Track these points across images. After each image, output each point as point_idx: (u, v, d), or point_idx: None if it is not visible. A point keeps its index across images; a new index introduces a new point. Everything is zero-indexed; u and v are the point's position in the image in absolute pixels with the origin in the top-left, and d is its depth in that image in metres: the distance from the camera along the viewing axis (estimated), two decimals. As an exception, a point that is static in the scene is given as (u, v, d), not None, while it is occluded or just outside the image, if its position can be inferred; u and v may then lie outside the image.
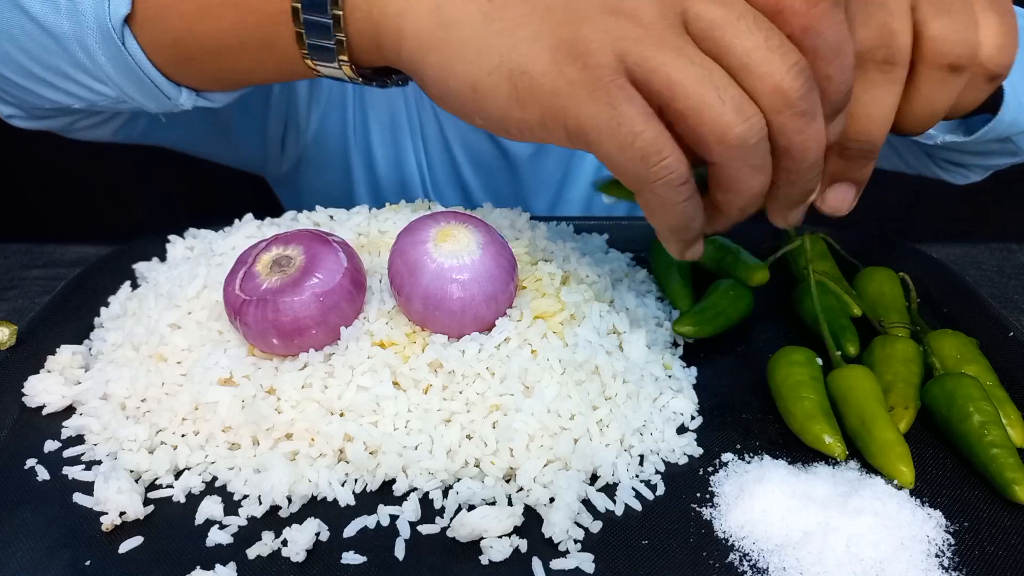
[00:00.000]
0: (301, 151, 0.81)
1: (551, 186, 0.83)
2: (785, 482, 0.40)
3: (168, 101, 0.49)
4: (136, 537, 0.38)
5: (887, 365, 0.48)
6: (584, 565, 0.37)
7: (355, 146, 0.80)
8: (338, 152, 0.80)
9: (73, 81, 0.49)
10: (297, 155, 0.81)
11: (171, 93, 0.49)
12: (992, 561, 0.37)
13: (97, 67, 0.47)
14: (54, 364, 0.49)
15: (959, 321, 0.56)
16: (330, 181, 0.83)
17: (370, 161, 0.81)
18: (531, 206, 0.83)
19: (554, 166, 0.81)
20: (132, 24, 0.45)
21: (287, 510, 0.40)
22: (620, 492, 0.41)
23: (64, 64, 0.47)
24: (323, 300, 0.43)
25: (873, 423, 0.43)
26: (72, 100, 0.51)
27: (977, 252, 0.74)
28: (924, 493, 0.41)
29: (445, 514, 0.40)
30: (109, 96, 0.49)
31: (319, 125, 0.78)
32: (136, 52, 0.46)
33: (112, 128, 0.62)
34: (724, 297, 0.55)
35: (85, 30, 0.45)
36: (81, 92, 0.50)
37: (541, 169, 0.82)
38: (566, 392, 0.43)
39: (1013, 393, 0.47)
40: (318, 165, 0.82)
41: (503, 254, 0.45)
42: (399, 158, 0.81)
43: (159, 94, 0.48)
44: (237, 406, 0.43)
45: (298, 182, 0.85)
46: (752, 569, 0.37)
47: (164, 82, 0.48)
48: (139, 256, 0.60)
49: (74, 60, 0.47)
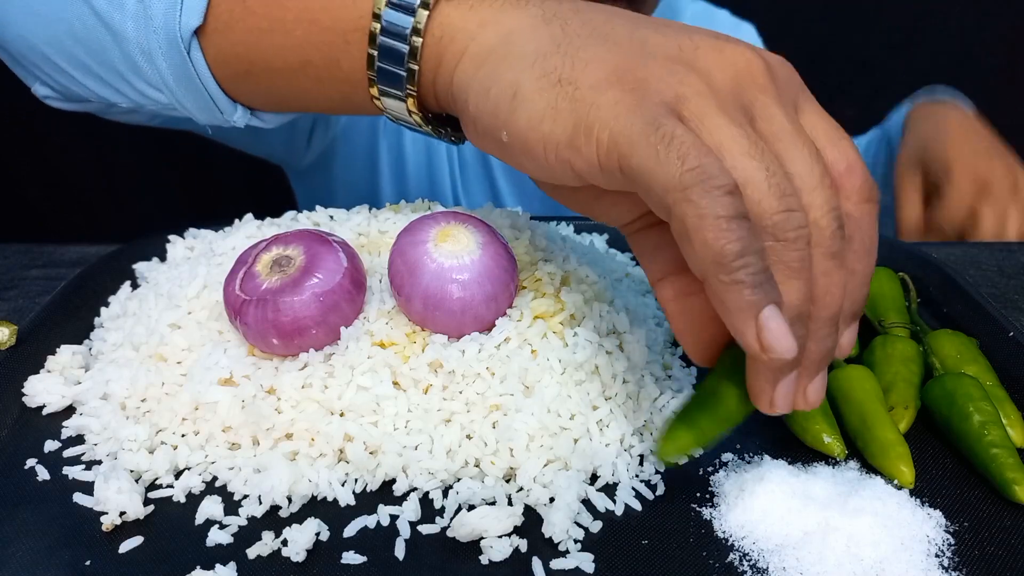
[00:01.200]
0: (328, 143, 0.80)
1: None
2: (785, 482, 0.40)
3: (220, 116, 0.49)
4: (136, 537, 0.38)
5: (887, 365, 0.48)
6: (584, 565, 0.37)
7: (384, 139, 0.79)
8: (366, 145, 0.80)
9: (125, 82, 0.48)
10: (323, 147, 0.81)
11: (226, 108, 0.48)
12: (992, 561, 0.37)
13: (155, 74, 0.46)
14: (54, 364, 0.49)
15: (959, 321, 0.56)
16: (355, 175, 0.82)
17: (400, 154, 0.80)
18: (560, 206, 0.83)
19: None
20: (200, 36, 0.45)
21: (287, 510, 0.40)
22: (620, 492, 0.41)
23: (120, 64, 0.47)
24: (323, 300, 0.43)
25: (874, 423, 0.43)
26: (120, 99, 0.50)
27: (977, 252, 0.74)
28: (924, 493, 0.41)
29: (445, 514, 0.40)
30: (160, 102, 0.49)
31: (349, 118, 0.78)
32: (200, 64, 0.45)
33: (149, 114, 0.60)
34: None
35: (150, 36, 0.44)
36: (131, 93, 0.49)
37: None
38: (566, 392, 0.43)
39: (1013, 393, 0.47)
40: (344, 158, 0.82)
41: (503, 254, 0.45)
42: (430, 152, 0.81)
43: (214, 108, 0.48)
44: (237, 406, 0.43)
45: (321, 175, 0.84)
46: (752, 569, 0.37)
47: (222, 97, 0.47)
48: (139, 256, 0.60)
49: (131, 63, 0.46)
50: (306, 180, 0.88)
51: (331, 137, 0.79)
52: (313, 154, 0.81)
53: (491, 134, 0.37)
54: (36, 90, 0.55)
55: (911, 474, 0.41)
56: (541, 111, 0.34)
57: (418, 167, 0.81)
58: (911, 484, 0.41)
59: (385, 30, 0.40)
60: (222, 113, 0.48)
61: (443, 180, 0.82)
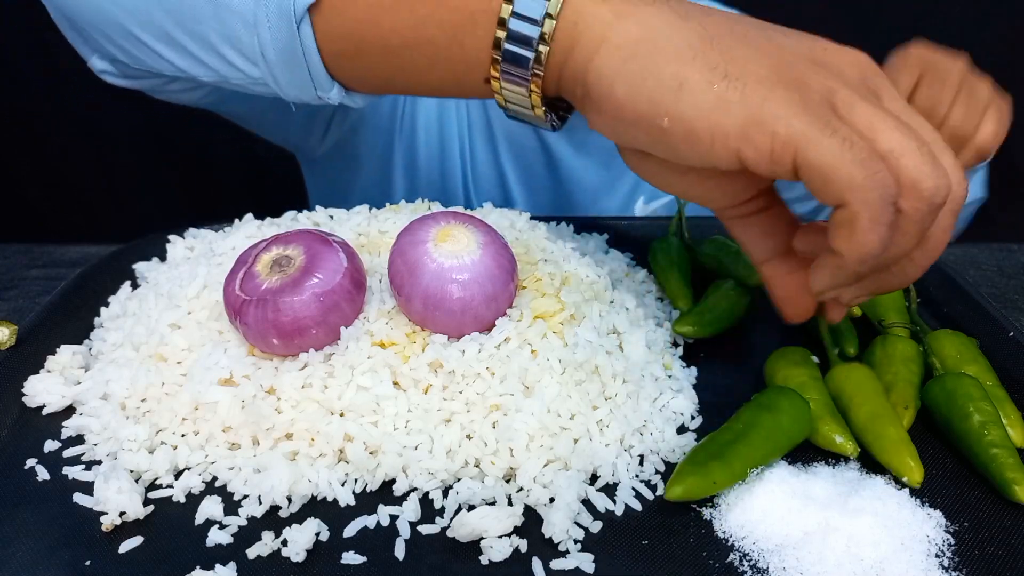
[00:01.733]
0: (344, 135, 0.80)
1: (589, 191, 0.83)
2: (785, 482, 0.40)
3: (314, 93, 0.48)
4: (136, 537, 0.38)
5: (887, 365, 0.48)
6: (584, 565, 0.37)
7: (400, 131, 0.80)
8: (381, 140, 0.80)
9: (216, 54, 0.47)
10: (338, 138, 0.80)
11: (323, 85, 0.47)
12: (992, 561, 0.37)
13: (254, 45, 0.45)
14: (54, 364, 0.49)
15: (959, 321, 0.56)
16: (369, 168, 0.82)
17: (413, 151, 0.81)
18: (569, 208, 0.83)
19: (595, 172, 0.82)
20: (315, 11, 0.44)
21: (287, 510, 0.40)
22: (620, 492, 0.41)
23: (214, 35, 0.46)
24: (323, 300, 0.43)
25: (882, 421, 0.43)
26: (203, 72, 0.49)
27: (977, 252, 0.74)
28: (924, 493, 0.41)
29: (445, 514, 0.40)
30: (249, 75, 0.48)
31: (366, 111, 0.78)
32: (308, 39, 0.44)
33: (201, 93, 0.59)
34: (724, 298, 0.55)
35: (259, 7, 0.43)
36: (219, 66, 0.48)
37: (582, 171, 0.82)
38: (566, 392, 0.43)
39: (1013, 393, 0.47)
40: (359, 151, 0.81)
41: (503, 254, 0.45)
42: (443, 150, 0.81)
43: (310, 85, 0.47)
44: (237, 406, 0.43)
45: (335, 167, 0.84)
46: (752, 569, 0.37)
47: (322, 74, 0.46)
48: (139, 256, 0.60)
49: (229, 34, 0.45)
50: (319, 171, 0.88)
51: (347, 128, 0.79)
52: (328, 144, 0.81)
53: (645, 121, 0.38)
54: (93, 63, 0.54)
55: (920, 472, 0.41)
56: (711, 102, 0.36)
57: (430, 164, 0.81)
58: (919, 482, 0.41)
59: (516, 12, 0.40)
60: (316, 90, 0.47)
61: (455, 178, 0.82)
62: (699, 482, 0.39)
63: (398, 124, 0.80)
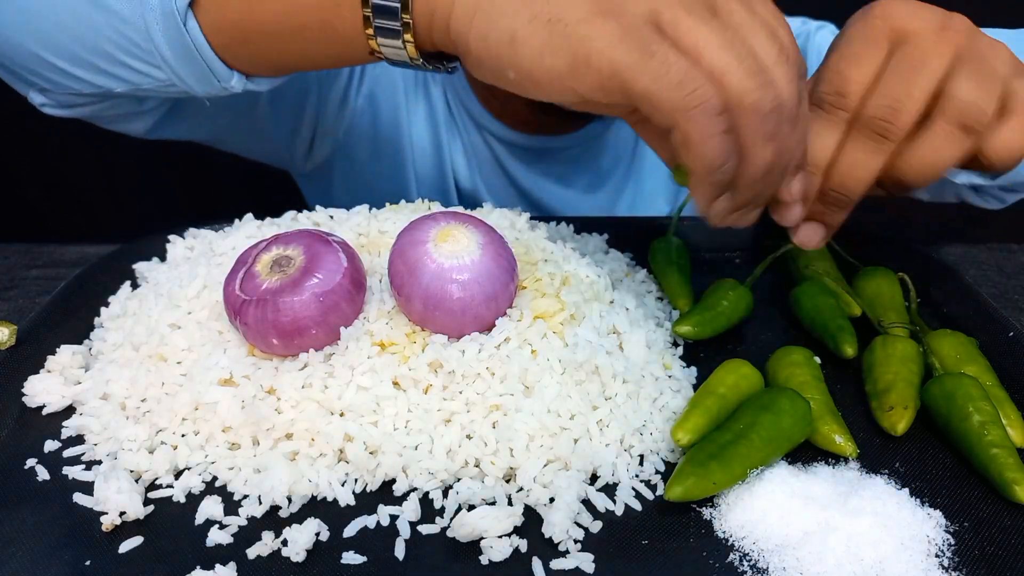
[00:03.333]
0: (330, 153, 0.81)
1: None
2: (785, 482, 0.40)
3: (218, 84, 0.50)
4: (136, 537, 0.38)
5: (887, 365, 0.48)
6: (584, 565, 0.37)
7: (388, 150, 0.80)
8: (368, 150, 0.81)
9: (120, 64, 0.50)
10: (324, 156, 0.82)
11: (223, 76, 0.50)
12: (992, 561, 0.37)
13: (152, 49, 0.48)
14: (54, 364, 0.49)
15: (959, 321, 0.56)
16: (357, 183, 0.83)
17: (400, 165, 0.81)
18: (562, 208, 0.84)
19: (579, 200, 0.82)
20: (194, 7, 0.47)
21: (287, 510, 0.40)
22: (620, 492, 0.41)
23: (113, 47, 0.48)
24: (323, 300, 0.43)
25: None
26: (116, 84, 0.52)
27: (977, 252, 0.74)
28: (924, 493, 0.41)
29: (445, 514, 0.40)
30: (157, 79, 0.50)
31: (349, 131, 0.79)
32: (196, 34, 0.47)
33: (145, 124, 0.62)
34: (724, 298, 0.55)
35: (146, 12, 0.46)
36: (127, 75, 0.50)
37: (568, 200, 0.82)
38: (566, 392, 0.43)
39: (1013, 393, 0.47)
40: (346, 166, 0.83)
41: (503, 254, 0.45)
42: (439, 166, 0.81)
43: (211, 77, 0.49)
44: (237, 406, 0.43)
45: (325, 180, 0.85)
46: (752, 569, 0.37)
47: (219, 65, 0.49)
48: (139, 256, 0.60)
49: (126, 42, 0.48)
50: (311, 184, 0.89)
51: (331, 144, 0.80)
52: (315, 161, 0.82)
53: (498, 73, 0.42)
54: (32, 98, 0.57)
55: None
56: (539, 49, 0.39)
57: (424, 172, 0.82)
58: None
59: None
60: (219, 81, 0.50)
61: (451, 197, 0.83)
62: (699, 482, 0.39)
63: (385, 140, 0.80)
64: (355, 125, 0.79)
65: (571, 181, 0.81)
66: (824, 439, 0.44)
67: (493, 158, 0.80)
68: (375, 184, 0.82)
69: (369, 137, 0.80)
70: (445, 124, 0.80)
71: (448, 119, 0.80)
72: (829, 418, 0.44)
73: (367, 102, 0.78)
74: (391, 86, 0.78)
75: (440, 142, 0.80)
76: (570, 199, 0.82)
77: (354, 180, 0.83)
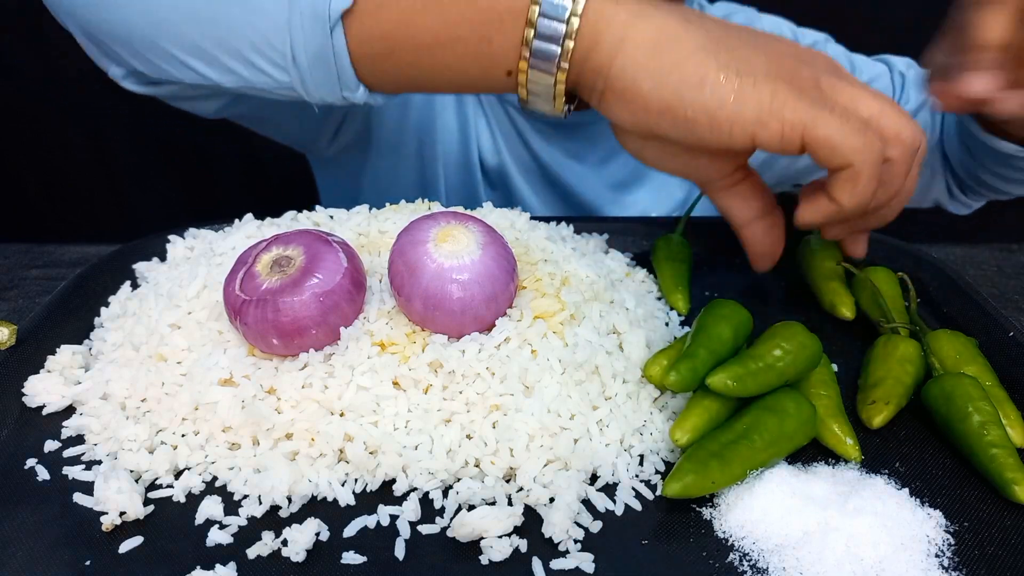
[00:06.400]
0: (354, 137, 0.81)
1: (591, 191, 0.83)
2: (785, 482, 0.40)
3: (339, 94, 0.50)
4: (136, 537, 0.38)
5: (882, 362, 0.48)
6: (584, 565, 0.37)
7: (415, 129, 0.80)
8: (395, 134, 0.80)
9: (244, 61, 0.49)
10: (349, 141, 0.81)
11: (351, 87, 0.49)
12: (992, 561, 0.37)
13: (286, 51, 0.47)
14: (54, 364, 0.49)
15: (959, 321, 0.56)
16: (380, 162, 0.83)
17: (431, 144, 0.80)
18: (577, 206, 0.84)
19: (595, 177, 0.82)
20: (349, 15, 0.46)
21: (287, 510, 0.40)
22: (620, 492, 0.41)
23: (242, 43, 0.47)
24: (323, 300, 0.43)
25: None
26: (231, 79, 0.50)
27: (977, 252, 0.74)
28: (924, 493, 0.41)
29: (445, 514, 0.40)
30: (277, 81, 0.49)
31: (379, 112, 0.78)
32: (340, 43, 0.47)
33: (216, 105, 0.61)
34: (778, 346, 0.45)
35: (293, 13, 0.46)
36: (248, 73, 0.49)
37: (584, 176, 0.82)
38: (566, 392, 0.43)
39: (1013, 393, 0.47)
40: (367, 147, 0.82)
41: (503, 254, 0.45)
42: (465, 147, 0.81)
43: (337, 87, 0.49)
44: (237, 406, 0.43)
45: (345, 163, 0.84)
46: (752, 569, 0.37)
47: (350, 75, 0.48)
48: (139, 256, 0.60)
49: (260, 40, 0.47)
50: (329, 170, 0.88)
51: (359, 128, 0.80)
52: (339, 145, 0.82)
53: (671, 111, 0.45)
54: (112, 71, 0.55)
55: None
56: (730, 96, 0.43)
57: (447, 160, 0.81)
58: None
59: (544, 12, 0.45)
60: (343, 91, 0.49)
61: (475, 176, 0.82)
62: (698, 480, 0.39)
63: (412, 123, 0.80)
64: (384, 106, 0.78)
65: (585, 156, 0.81)
66: (835, 438, 0.44)
67: (516, 133, 0.80)
68: (398, 168, 0.81)
69: (397, 119, 0.79)
70: (472, 101, 0.79)
71: (475, 96, 0.79)
72: (841, 419, 0.44)
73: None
74: None
75: (467, 119, 0.80)
76: (585, 173, 0.82)
77: (376, 164, 0.82)
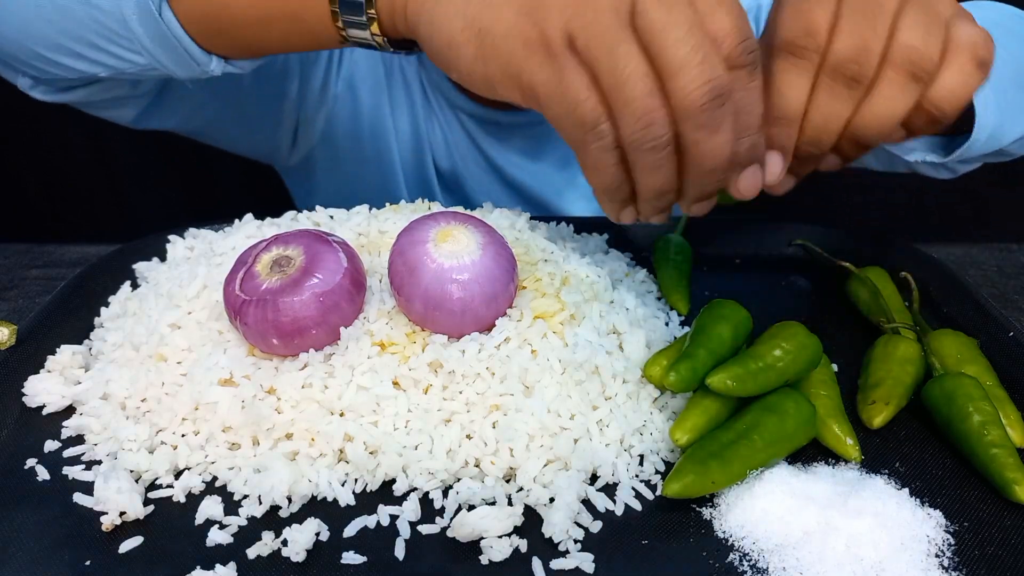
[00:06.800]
0: (313, 142, 0.81)
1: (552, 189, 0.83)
2: (785, 482, 0.40)
3: (198, 68, 0.53)
4: (136, 537, 0.38)
5: (883, 363, 0.48)
6: (584, 565, 0.37)
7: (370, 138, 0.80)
8: (352, 142, 0.81)
9: (102, 51, 0.52)
10: (308, 148, 0.82)
11: (202, 60, 0.52)
12: (992, 561, 0.37)
13: (131, 37, 0.50)
14: (54, 364, 0.49)
15: (959, 321, 0.56)
16: (342, 170, 0.83)
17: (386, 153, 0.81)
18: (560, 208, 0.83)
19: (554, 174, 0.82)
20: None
21: (287, 510, 0.40)
22: (620, 492, 0.41)
23: (95, 36, 0.51)
24: (323, 300, 0.43)
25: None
26: (99, 69, 0.54)
27: (977, 252, 0.74)
28: (924, 493, 0.41)
29: (445, 514, 0.40)
30: (139, 64, 0.53)
31: (329, 123, 0.79)
32: (172, 24, 0.50)
33: (134, 112, 0.65)
34: (778, 347, 0.45)
35: (125, 3, 0.49)
36: (110, 61, 0.53)
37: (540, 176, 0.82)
38: (566, 392, 0.43)
39: (1013, 393, 0.47)
40: (328, 161, 0.83)
41: (503, 254, 0.45)
42: (419, 155, 0.81)
43: (190, 62, 0.52)
44: (237, 406, 0.43)
45: (309, 172, 0.86)
46: (752, 569, 0.37)
47: (196, 51, 0.51)
48: (139, 256, 0.60)
49: (106, 31, 0.50)
50: (296, 179, 0.89)
51: (316, 137, 0.80)
52: (299, 154, 0.82)
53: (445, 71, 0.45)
54: (19, 83, 0.59)
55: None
56: (472, 60, 0.42)
57: (407, 169, 0.82)
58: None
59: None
60: (199, 65, 0.52)
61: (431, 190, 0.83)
62: (697, 480, 0.39)
63: (366, 130, 0.80)
64: (337, 112, 0.79)
65: (542, 156, 0.82)
66: (835, 438, 0.44)
67: (467, 137, 0.80)
68: (360, 173, 0.82)
69: (351, 125, 0.80)
70: (422, 106, 0.80)
71: (424, 101, 0.80)
72: (841, 419, 0.44)
73: (347, 87, 0.78)
74: (370, 71, 0.78)
75: (418, 124, 0.80)
76: (544, 174, 0.82)
77: (338, 170, 0.83)
